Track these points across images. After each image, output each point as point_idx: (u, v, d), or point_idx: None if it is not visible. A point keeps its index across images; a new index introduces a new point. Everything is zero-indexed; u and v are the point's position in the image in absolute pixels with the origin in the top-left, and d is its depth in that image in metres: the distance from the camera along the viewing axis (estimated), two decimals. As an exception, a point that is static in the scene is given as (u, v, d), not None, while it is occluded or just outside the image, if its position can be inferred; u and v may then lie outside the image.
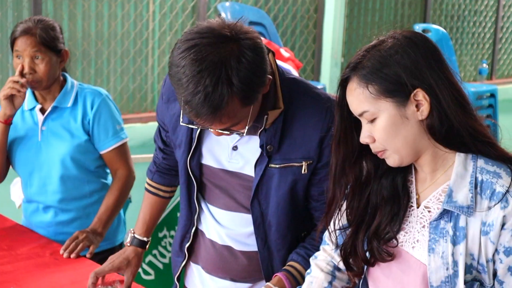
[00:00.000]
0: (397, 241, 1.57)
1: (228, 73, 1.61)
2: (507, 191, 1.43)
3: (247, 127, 1.73)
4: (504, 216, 1.43)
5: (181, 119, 1.81)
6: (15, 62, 2.56)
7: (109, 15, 4.39)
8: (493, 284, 1.50)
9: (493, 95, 5.63)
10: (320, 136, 1.85)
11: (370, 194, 1.60)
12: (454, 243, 1.48)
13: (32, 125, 2.65)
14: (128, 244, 2.10)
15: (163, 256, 3.98)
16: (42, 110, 2.64)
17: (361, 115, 1.51)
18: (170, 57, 1.68)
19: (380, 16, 6.00)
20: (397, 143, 1.50)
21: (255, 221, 1.92)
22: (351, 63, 1.48)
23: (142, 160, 4.06)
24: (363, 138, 1.51)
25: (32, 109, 2.65)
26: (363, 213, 1.60)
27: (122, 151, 2.64)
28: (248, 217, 1.93)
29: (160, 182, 2.16)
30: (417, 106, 1.46)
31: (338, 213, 1.64)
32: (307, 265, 1.88)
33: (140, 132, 4.43)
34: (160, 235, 4.01)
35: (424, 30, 5.81)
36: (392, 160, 1.53)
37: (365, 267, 1.66)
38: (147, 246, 2.17)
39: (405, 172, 1.62)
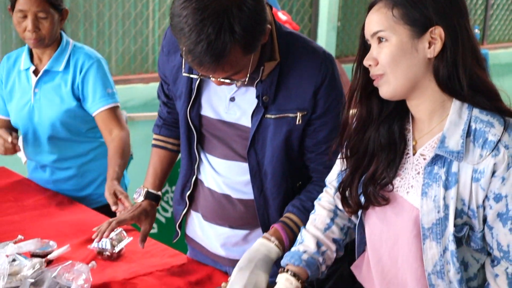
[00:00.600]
0: (393, 187, 1.58)
1: (230, 21, 1.59)
2: (499, 140, 1.42)
3: (248, 76, 1.72)
4: (494, 164, 1.43)
5: (183, 69, 1.79)
6: (16, 20, 2.51)
7: (111, -24, 4.34)
8: (483, 229, 1.51)
9: (484, 60, 5.61)
10: (315, 88, 1.85)
11: (369, 140, 1.60)
12: (446, 187, 1.49)
13: (26, 85, 2.64)
14: (142, 199, 2.07)
15: (166, 210, 4.00)
16: (36, 72, 2.62)
17: (375, 34, 1.49)
18: (171, 8, 1.67)
19: (375, -19, 5.93)
20: (398, 70, 1.47)
21: (251, 170, 1.92)
22: None
23: (144, 119, 4.06)
24: (367, 60, 1.52)
25: (27, 69, 2.63)
26: (361, 159, 1.61)
27: (114, 114, 2.59)
28: (245, 166, 1.93)
29: (167, 135, 2.14)
30: (430, 43, 1.46)
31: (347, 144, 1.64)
32: (302, 216, 1.89)
33: (142, 92, 4.42)
34: (162, 190, 4.01)
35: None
36: (386, 89, 1.52)
37: (360, 210, 1.67)
38: (159, 201, 2.13)
39: (403, 120, 1.62)
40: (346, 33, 5.78)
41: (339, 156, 1.70)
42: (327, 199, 1.78)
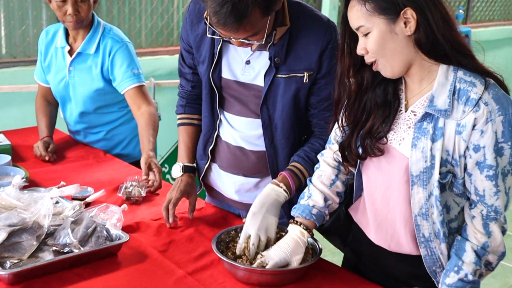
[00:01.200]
0: (387, 139, 1.58)
1: None
2: (480, 97, 1.43)
3: (265, 36, 1.68)
4: (475, 119, 1.44)
5: (207, 33, 1.77)
6: (56, 5, 2.45)
7: (141, -40, 4.28)
8: (464, 176, 1.52)
9: (467, 36, 5.55)
10: (320, 51, 1.84)
11: (366, 100, 1.60)
12: (433, 140, 1.49)
13: (62, 63, 2.62)
14: (181, 174, 2.00)
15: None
16: (71, 52, 2.59)
17: (357, 29, 1.52)
18: None
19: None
20: (387, 54, 1.51)
21: (263, 124, 1.91)
22: None
23: (169, 85, 4.04)
24: (359, 50, 1.54)
25: (63, 47, 2.60)
26: (360, 116, 1.61)
27: (142, 91, 2.52)
28: (257, 122, 1.92)
29: (192, 112, 2.09)
30: (405, 23, 1.47)
31: (343, 114, 1.65)
32: (306, 165, 1.89)
33: (168, 63, 4.40)
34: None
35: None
36: (384, 71, 1.55)
37: (359, 161, 1.68)
38: (195, 172, 2.07)
39: (396, 82, 1.62)
40: (346, 13, 5.70)
41: (335, 126, 1.71)
42: (330, 155, 1.78)
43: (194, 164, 2.08)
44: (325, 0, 5.36)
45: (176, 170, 2.03)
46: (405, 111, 1.56)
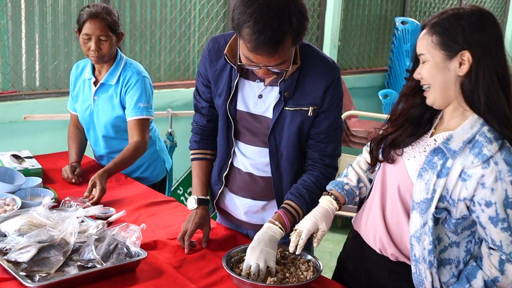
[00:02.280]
0: (402, 152, 1.58)
1: (290, 14, 1.60)
2: (492, 156, 1.40)
3: (290, 65, 1.71)
4: (482, 175, 1.40)
5: (237, 62, 1.76)
6: (82, 41, 2.50)
7: (161, 4, 4.35)
8: (458, 219, 1.48)
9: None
10: (325, 88, 1.85)
11: (408, 116, 1.58)
12: (438, 176, 1.48)
13: (88, 93, 2.64)
14: (196, 207, 1.96)
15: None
16: (96, 83, 2.62)
17: (419, 55, 1.49)
18: (234, 12, 1.64)
19: (369, 10, 5.90)
20: (436, 83, 1.47)
21: (270, 152, 1.91)
22: (433, 18, 1.49)
23: (185, 115, 4.06)
24: (415, 74, 1.52)
25: (89, 79, 2.63)
26: (395, 125, 1.60)
27: (140, 124, 2.50)
28: (265, 150, 1.92)
29: (206, 148, 2.06)
30: (460, 64, 1.45)
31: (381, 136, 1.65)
32: (299, 202, 1.89)
33: (184, 95, 4.43)
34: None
35: (402, 22, 5.70)
36: (428, 98, 1.52)
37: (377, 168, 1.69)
38: (209, 204, 2.03)
39: (435, 112, 1.58)
40: (345, 51, 5.73)
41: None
42: (357, 162, 1.82)
43: (208, 197, 2.05)
44: (326, 39, 5.41)
45: (191, 203, 2.00)
46: (430, 137, 1.56)
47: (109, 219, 2.03)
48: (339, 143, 1.93)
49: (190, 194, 4.00)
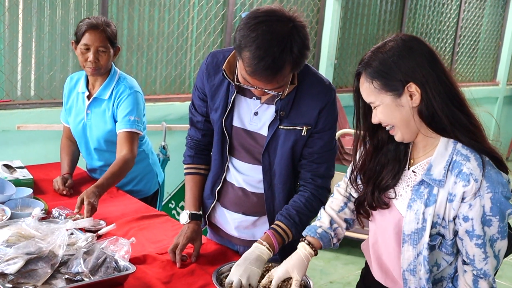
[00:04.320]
0: (395, 194, 1.57)
1: (291, 44, 1.61)
2: (470, 173, 1.41)
3: (287, 90, 1.73)
4: (464, 192, 1.41)
5: (234, 82, 1.77)
6: (79, 51, 2.49)
7: (159, 18, 4.36)
8: (453, 238, 1.49)
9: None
10: (320, 109, 1.86)
11: (381, 157, 1.58)
12: (426, 205, 1.48)
13: (81, 106, 2.63)
14: (188, 221, 1.95)
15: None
16: (89, 97, 2.61)
17: (370, 103, 1.51)
18: (237, 33, 1.65)
19: (366, 29, 5.94)
20: (396, 122, 1.48)
21: (264, 169, 1.91)
22: (363, 61, 1.48)
23: (179, 129, 4.06)
24: (373, 120, 1.53)
25: (83, 93, 2.63)
26: (373, 172, 1.60)
27: (130, 138, 2.47)
28: (259, 167, 1.92)
29: (200, 162, 2.05)
30: (411, 96, 1.45)
31: (356, 175, 1.65)
32: (288, 223, 1.88)
33: (179, 109, 4.43)
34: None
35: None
36: (397, 136, 1.52)
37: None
38: (201, 218, 2.02)
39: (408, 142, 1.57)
40: (341, 69, 5.77)
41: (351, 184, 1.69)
42: (343, 187, 1.80)
43: (200, 212, 2.04)
44: (323, 57, 5.44)
45: (184, 217, 1.99)
46: (408, 169, 1.56)
47: (99, 232, 2.02)
48: (332, 164, 1.93)
49: (182, 208, 3.99)
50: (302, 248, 1.69)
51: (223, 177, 1.99)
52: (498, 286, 4.02)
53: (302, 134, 1.84)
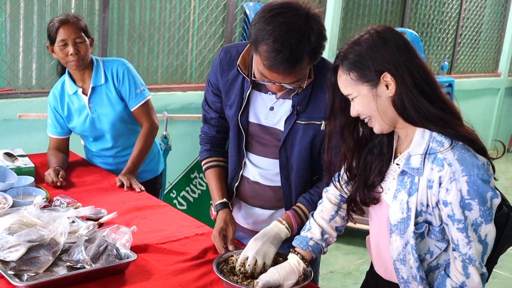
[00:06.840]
0: (382, 189, 1.57)
1: (309, 34, 1.58)
2: (444, 158, 1.41)
3: (305, 83, 1.71)
4: (440, 177, 1.41)
5: (252, 77, 1.75)
6: (58, 49, 2.47)
7: (160, 7, 4.35)
8: (440, 224, 1.49)
9: (450, 85, 5.58)
10: None
11: (367, 153, 1.58)
12: (409, 194, 1.49)
13: (81, 103, 2.61)
14: (217, 211, 1.93)
15: (194, 192, 4.00)
16: (84, 91, 2.60)
17: (347, 95, 1.51)
18: (252, 27, 1.61)
19: (368, 20, 5.92)
20: (374, 113, 1.49)
21: (281, 164, 1.90)
22: (339, 54, 1.48)
23: (181, 119, 4.07)
24: (352, 113, 1.52)
25: (75, 92, 2.60)
26: (361, 170, 1.60)
27: (145, 108, 2.58)
28: (276, 162, 1.91)
29: (218, 155, 2.04)
30: (387, 86, 1.46)
31: (344, 173, 1.64)
32: (310, 207, 1.87)
33: (180, 98, 4.43)
34: (192, 176, 4.02)
35: (401, 33, 5.73)
36: (375, 128, 1.53)
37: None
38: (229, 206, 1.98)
39: (391, 134, 1.58)
40: (343, 60, 5.76)
41: (337, 182, 1.68)
42: (333, 192, 1.76)
43: (225, 199, 1.97)
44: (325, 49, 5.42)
45: (212, 213, 1.99)
46: (393, 163, 1.56)
47: (100, 220, 2.02)
48: None
49: (183, 198, 4.00)
50: (295, 261, 1.67)
51: (240, 173, 1.98)
52: (498, 276, 4.03)
53: (321, 128, 1.82)
